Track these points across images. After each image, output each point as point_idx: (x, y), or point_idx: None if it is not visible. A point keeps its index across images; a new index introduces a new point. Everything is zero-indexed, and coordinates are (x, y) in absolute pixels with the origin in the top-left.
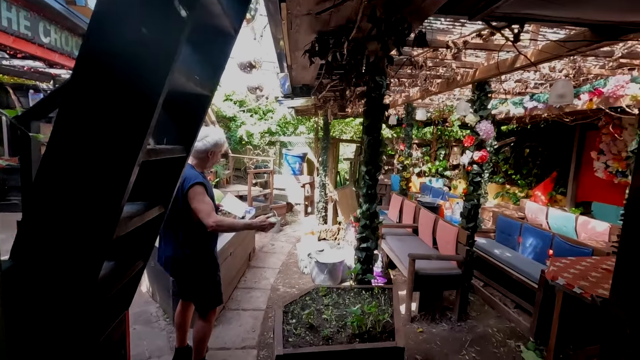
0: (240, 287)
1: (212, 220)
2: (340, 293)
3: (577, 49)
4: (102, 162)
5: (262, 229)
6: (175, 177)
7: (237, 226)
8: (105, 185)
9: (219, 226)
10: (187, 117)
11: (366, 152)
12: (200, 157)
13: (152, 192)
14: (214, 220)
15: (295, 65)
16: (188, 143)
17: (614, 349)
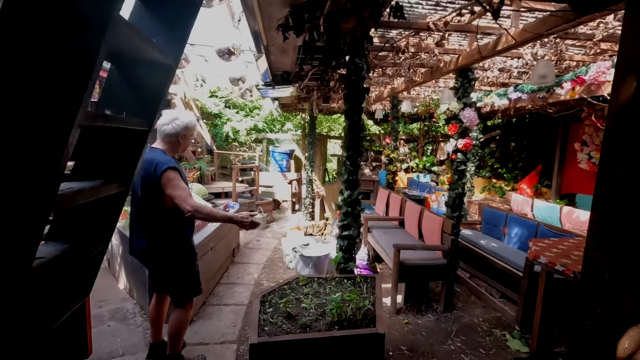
0: (223, 282)
1: (189, 205)
2: (322, 282)
3: (559, 25)
4: (33, 120)
5: (243, 225)
6: (137, 153)
7: (217, 215)
8: (38, 147)
9: (197, 211)
10: (148, 87)
11: (347, 136)
12: (171, 142)
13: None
14: (192, 205)
15: (272, 47)
16: (150, 116)
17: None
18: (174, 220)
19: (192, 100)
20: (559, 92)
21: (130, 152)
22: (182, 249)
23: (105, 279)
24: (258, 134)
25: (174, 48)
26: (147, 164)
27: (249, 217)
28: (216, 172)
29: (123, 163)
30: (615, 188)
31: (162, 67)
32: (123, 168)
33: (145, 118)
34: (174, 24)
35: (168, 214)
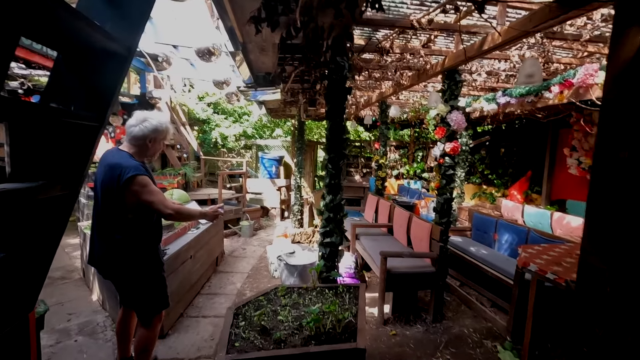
0: (204, 292)
1: (170, 208)
2: (302, 293)
3: (546, 22)
4: None
5: (214, 217)
6: (86, 152)
7: (195, 214)
8: None
9: (178, 214)
10: (100, 79)
11: (328, 138)
12: (139, 145)
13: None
14: (173, 208)
15: (250, 45)
16: (101, 110)
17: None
18: (136, 228)
19: (179, 105)
20: (547, 96)
21: (78, 150)
22: (145, 259)
23: (78, 290)
24: (247, 140)
25: (128, 36)
26: (111, 167)
27: (217, 209)
28: (203, 178)
29: (69, 162)
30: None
31: (115, 58)
32: (68, 168)
33: (96, 112)
34: (128, 9)
35: (130, 222)
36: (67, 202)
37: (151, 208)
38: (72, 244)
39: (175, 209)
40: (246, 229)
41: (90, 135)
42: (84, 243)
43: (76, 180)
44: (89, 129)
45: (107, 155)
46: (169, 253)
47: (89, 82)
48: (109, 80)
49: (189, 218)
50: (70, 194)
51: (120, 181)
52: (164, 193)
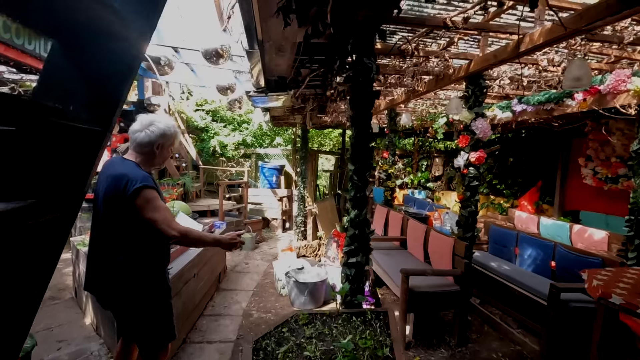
0: (207, 314)
1: (175, 230)
2: (326, 320)
3: (602, 19)
4: None
5: (232, 246)
6: (88, 164)
7: (207, 239)
8: None
9: (185, 237)
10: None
11: (354, 147)
12: (145, 152)
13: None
14: (179, 230)
15: (268, 44)
16: (108, 112)
17: None
18: (143, 249)
19: (177, 113)
20: (569, 104)
21: (77, 161)
22: (152, 285)
23: (69, 312)
24: (246, 149)
25: (143, 16)
26: (115, 179)
27: (235, 236)
28: (202, 188)
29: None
30: None
31: (127, 44)
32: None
33: (101, 114)
34: None
35: (138, 243)
36: (62, 227)
37: (154, 227)
38: (64, 259)
39: (183, 231)
40: (248, 241)
41: (92, 142)
42: (76, 259)
43: (74, 199)
44: (90, 134)
45: (110, 165)
46: (172, 273)
47: (92, 76)
48: (118, 73)
49: (199, 243)
50: (66, 216)
51: (126, 194)
52: None
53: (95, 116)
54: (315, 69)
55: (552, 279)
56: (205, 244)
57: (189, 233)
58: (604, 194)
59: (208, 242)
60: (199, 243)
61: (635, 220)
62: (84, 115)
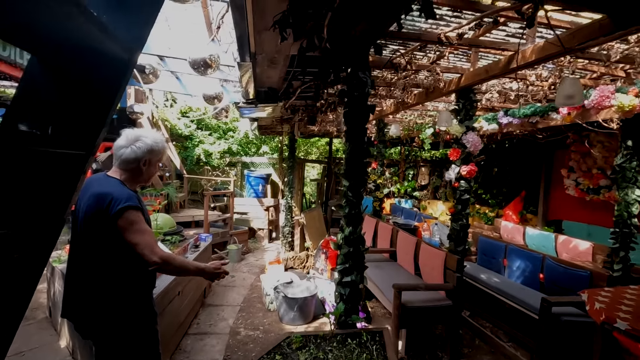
0: (192, 332)
1: (157, 255)
2: (320, 343)
3: (594, 39)
4: None
5: (215, 277)
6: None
7: (190, 268)
8: None
9: (166, 264)
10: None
11: (348, 163)
12: (131, 169)
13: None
14: (161, 257)
15: (261, 56)
16: (92, 134)
17: None
18: (129, 274)
19: (161, 121)
20: (554, 117)
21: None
22: (139, 313)
23: (43, 334)
24: (232, 157)
25: (132, 33)
26: (98, 197)
27: (220, 266)
28: (186, 198)
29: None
30: None
31: (113, 62)
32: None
33: (83, 136)
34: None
35: (121, 266)
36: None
37: (134, 251)
38: None
39: (165, 257)
40: (234, 253)
41: (73, 166)
42: (51, 277)
43: (52, 228)
44: (72, 159)
45: (93, 182)
46: (155, 292)
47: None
48: (104, 92)
49: (181, 272)
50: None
51: (109, 213)
52: None
53: (78, 139)
54: (308, 81)
55: (541, 291)
56: (188, 272)
57: (172, 260)
58: (586, 204)
59: (191, 271)
60: (181, 272)
61: (620, 232)
62: (64, 138)
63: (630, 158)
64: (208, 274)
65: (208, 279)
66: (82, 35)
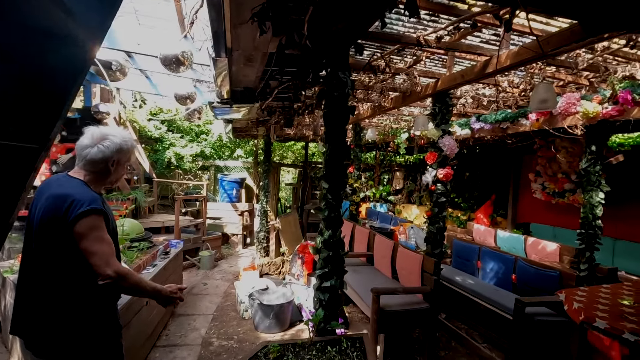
0: (161, 344)
1: (112, 269)
2: (299, 352)
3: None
4: None
5: (169, 302)
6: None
7: (146, 288)
8: None
9: (121, 279)
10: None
11: (327, 165)
12: (97, 171)
13: None
14: (117, 270)
15: (237, 52)
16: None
17: None
18: (91, 285)
19: (129, 122)
20: (523, 123)
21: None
22: (101, 327)
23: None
24: (205, 161)
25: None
26: (57, 199)
27: (177, 291)
28: (155, 203)
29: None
30: None
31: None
32: None
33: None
34: None
35: (82, 277)
36: None
37: (88, 261)
38: None
39: (122, 272)
40: (206, 260)
41: (22, 161)
42: (2, 288)
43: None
44: (20, 152)
45: (52, 183)
46: (120, 303)
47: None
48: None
49: (136, 291)
50: None
51: (68, 218)
52: None
53: (28, 130)
54: (286, 81)
55: (513, 292)
56: (142, 292)
57: (128, 276)
58: (551, 207)
59: (146, 291)
60: (136, 291)
61: (586, 233)
62: (11, 128)
63: (594, 162)
64: (163, 297)
65: (160, 303)
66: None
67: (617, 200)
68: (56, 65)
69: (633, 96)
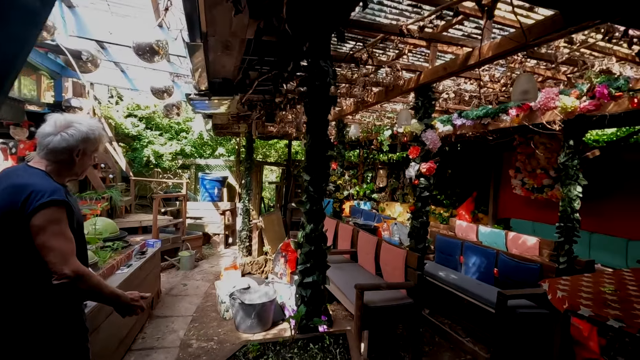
0: (136, 348)
1: (70, 268)
2: (280, 351)
3: (548, 34)
4: None
5: (128, 311)
6: None
7: (105, 292)
8: None
9: (79, 280)
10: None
11: (309, 156)
12: (60, 161)
13: None
14: (75, 270)
15: (213, 38)
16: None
17: None
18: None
19: (104, 118)
20: (504, 119)
21: None
22: (63, 331)
23: None
24: (185, 160)
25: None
26: (14, 189)
27: (139, 299)
28: (132, 203)
29: None
30: None
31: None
32: None
33: None
34: None
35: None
36: None
37: (44, 258)
38: None
39: (81, 272)
40: (186, 260)
41: None
42: None
43: None
44: None
45: (10, 173)
46: (89, 305)
47: None
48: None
49: (94, 295)
50: None
51: (27, 209)
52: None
53: None
54: (266, 71)
55: (495, 285)
56: (101, 297)
57: (87, 277)
58: (531, 203)
59: (105, 296)
60: (94, 294)
61: (565, 226)
62: None
63: (572, 157)
64: (122, 304)
65: (119, 311)
66: None
67: (593, 195)
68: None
69: (609, 90)
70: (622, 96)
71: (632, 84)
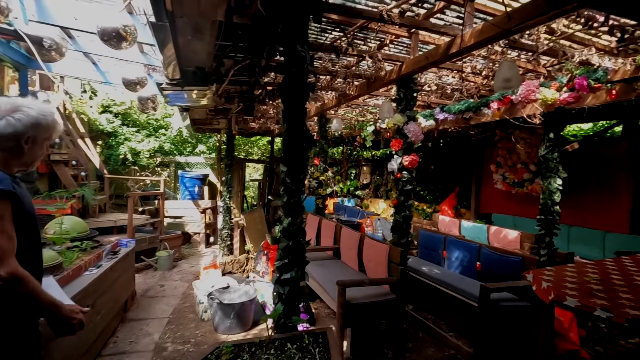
0: (107, 353)
1: (5, 268)
2: (255, 352)
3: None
4: None
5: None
6: None
7: (43, 299)
8: None
9: (15, 282)
10: None
11: (285, 146)
12: (6, 148)
13: None
14: (11, 271)
15: (181, 19)
16: None
17: None
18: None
19: (76, 114)
20: (485, 112)
21: None
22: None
23: None
24: (164, 157)
25: None
26: None
27: (79, 312)
28: (107, 202)
29: None
30: None
31: None
32: None
33: None
34: None
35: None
36: None
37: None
38: None
39: (18, 274)
40: (164, 260)
41: None
42: None
43: None
44: None
45: None
46: None
47: None
48: None
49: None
50: None
51: None
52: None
53: None
54: (241, 59)
55: (478, 279)
56: (38, 305)
57: (25, 281)
58: (512, 197)
59: (42, 305)
60: (31, 300)
61: (545, 219)
62: None
63: (552, 149)
64: (58, 316)
65: (52, 327)
66: None
67: (572, 189)
68: None
69: (589, 82)
70: (600, 88)
71: (610, 75)
